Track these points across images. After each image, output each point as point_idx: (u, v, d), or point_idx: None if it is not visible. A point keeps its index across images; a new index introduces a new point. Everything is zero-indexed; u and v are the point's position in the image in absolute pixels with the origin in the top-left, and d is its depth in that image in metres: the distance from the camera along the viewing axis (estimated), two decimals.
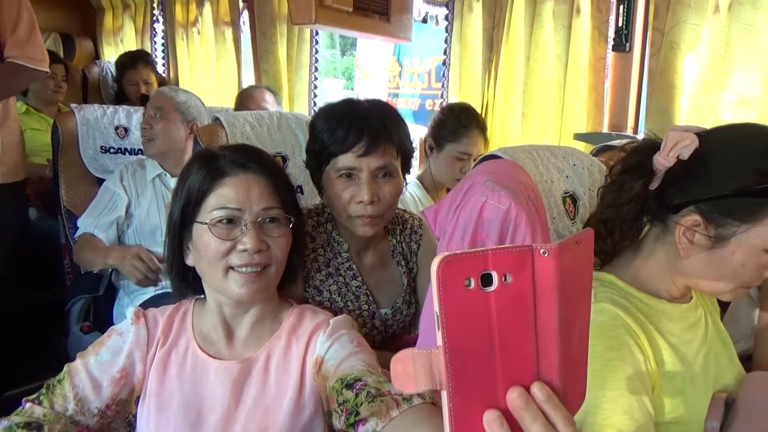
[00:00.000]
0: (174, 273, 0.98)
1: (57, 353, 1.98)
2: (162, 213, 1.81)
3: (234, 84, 3.01)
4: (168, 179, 1.87)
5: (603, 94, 1.82)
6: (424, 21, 2.29)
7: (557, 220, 0.96)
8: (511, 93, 2.05)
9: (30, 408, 0.85)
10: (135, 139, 2.07)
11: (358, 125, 1.07)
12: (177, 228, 0.95)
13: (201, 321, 0.98)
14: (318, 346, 0.93)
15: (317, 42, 2.70)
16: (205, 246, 0.90)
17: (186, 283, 0.99)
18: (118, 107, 2.12)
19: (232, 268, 0.90)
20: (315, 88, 2.74)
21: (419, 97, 4.15)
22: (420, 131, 2.15)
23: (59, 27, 3.55)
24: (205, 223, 0.90)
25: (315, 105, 2.75)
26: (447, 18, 2.22)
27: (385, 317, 1.21)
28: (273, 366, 0.94)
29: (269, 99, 2.39)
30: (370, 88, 4.94)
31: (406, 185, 1.23)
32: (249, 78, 3.01)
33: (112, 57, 3.65)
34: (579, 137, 1.83)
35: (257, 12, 2.76)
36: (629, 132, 1.83)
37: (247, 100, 2.37)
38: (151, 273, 1.60)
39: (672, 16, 1.58)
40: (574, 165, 1.04)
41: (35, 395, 0.87)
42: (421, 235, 1.28)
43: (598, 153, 1.34)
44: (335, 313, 1.02)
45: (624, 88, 1.82)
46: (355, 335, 0.95)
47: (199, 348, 0.95)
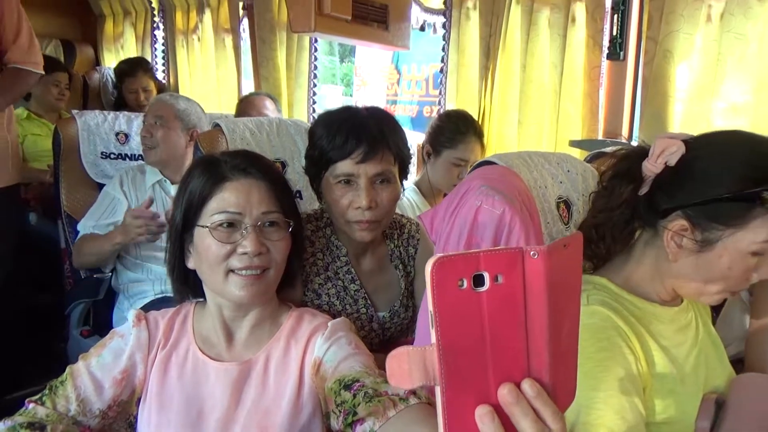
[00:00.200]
0: (175, 276, 1.00)
1: (56, 357, 1.99)
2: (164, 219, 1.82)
3: (233, 90, 3.03)
4: (168, 186, 1.88)
5: (598, 101, 1.84)
6: (421, 29, 2.32)
7: (551, 224, 0.98)
8: (508, 100, 2.07)
9: (33, 408, 0.87)
10: (135, 145, 2.08)
11: (356, 132, 1.09)
12: (178, 232, 0.97)
13: (201, 323, 1.00)
14: (316, 348, 0.95)
15: (316, 49, 2.72)
16: (206, 249, 0.92)
17: (187, 286, 1.01)
18: (118, 113, 2.13)
19: (232, 270, 0.92)
20: (314, 94, 2.76)
21: (417, 104, 4.18)
22: (418, 137, 2.17)
23: (60, 33, 3.57)
24: (206, 227, 0.92)
25: (314, 111, 2.77)
26: (444, 26, 2.24)
27: (383, 320, 1.23)
28: (272, 368, 0.95)
29: (270, 106, 2.41)
30: (368, 95, 4.97)
31: (403, 191, 1.25)
32: (248, 84, 3.03)
33: (112, 63, 3.67)
34: (574, 144, 1.86)
35: (257, 19, 2.79)
36: (624, 139, 1.85)
37: (248, 107, 2.40)
38: (152, 221, 1.56)
39: (665, 25, 1.61)
40: (568, 171, 1.07)
41: (38, 396, 0.89)
42: (419, 240, 1.30)
43: (592, 159, 1.36)
44: (334, 317, 1.03)
45: (618, 95, 1.84)
46: (353, 338, 0.97)
47: (200, 350, 0.96)
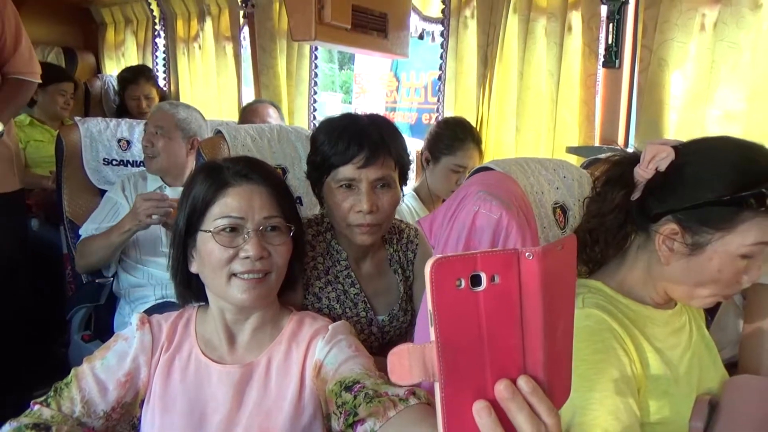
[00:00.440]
0: (178, 280, 1.02)
1: (57, 362, 1.99)
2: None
3: (234, 98, 3.05)
4: (168, 191, 1.90)
5: (594, 108, 1.86)
6: (420, 37, 2.34)
7: (548, 229, 1.00)
8: (505, 107, 2.09)
9: (38, 410, 0.88)
10: (137, 152, 2.10)
11: (358, 138, 1.11)
12: (182, 236, 0.98)
13: (204, 327, 1.01)
14: (317, 350, 0.97)
15: (317, 57, 2.75)
16: (209, 253, 0.94)
17: (189, 290, 1.03)
18: (120, 120, 2.15)
19: (234, 274, 0.93)
20: (314, 102, 2.78)
21: (416, 111, 4.21)
22: (417, 144, 2.19)
23: (62, 41, 3.59)
24: (209, 231, 0.94)
25: (314, 119, 2.79)
26: (443, 35, 2.26)
27: (382, 324, 1.25)
28: (274, 370, 0.97)
29: (273, 114, 2.44)
30: (368, 102, 5.01)
31: (403, 197, 1.27)
32: (249, 92, 3.05)
33: (113, 71, 3.70)
34: (571, 150, 1.88)
35: (257, 28, 2.82)
36: (620, 145, 1.88)
37: (252, 114, 2.42)
38: (162, 203, 1.56)
39: (660, 34, 1.64)
40: (564, 177, 1.08)
41: (43, 398, 0.90)
42: (417, 245, 1.32)
43: (588, 166, 1.38)
44: (334, 320, 1.05)
45: (614, 103, 1.87)
46: (353, 340, 0.99)
47: (202, 353, 0.98)
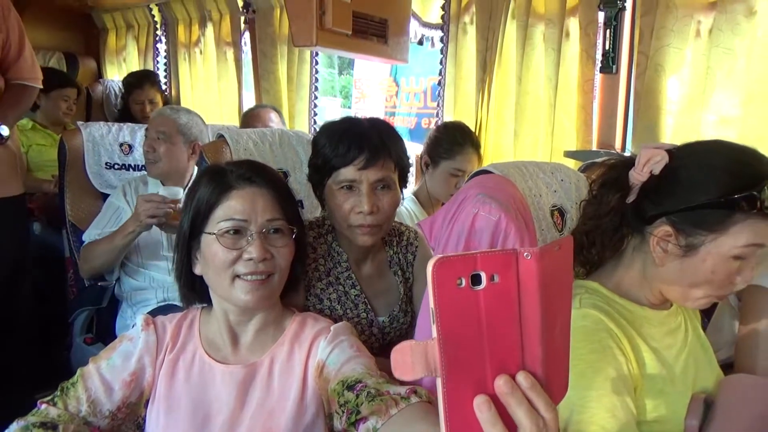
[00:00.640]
0: (183, 282, 1.03)
1: (59, 365, 2.01)
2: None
3: (235, 103, 3.07)
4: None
5: (591, 113, 1.88)
6: (420, 43, 2.37)
7: (546, 231, 1.01)
8: (504, 112, 2.12)
9: (45, 409, 0.89)
10: (138, 156, 2.11)
11: (358, 141, 1.14)
12: (186, 239, 1.00)
13: (207, 328, 1.03)
14: (320, 351, 0.98)
15: (317, 62, 2.77)
16: (213, 255, 0.95)
17: (193, 292, 1.04)
18: (122, 125, 2.17)
19: (238, 276, 0.95)
20: (315, 107, 2.80)
21: (415, 116, 4.23)
22: (416, 148, 2.21)
23: (63, 46, 3.62)
24: (213, 234, 0.95)
25: (315, 123, 2.81)
26: (442, 40, 2.28)
27: (383, 325, 1.26)
28: (276, 370, 0.98)
29: (274, 118, 2.46)
30: (367, 107, 5.04)
31: (402, 200, 1.29)
32: (249, 97, 3.07)
33: (115, 76, 3.72)
34: (569, 155, 1.90)
35: (258, 33, 2.84)
36: (617, 150, 1.90)
37: (254, 119, 2.44)
38: (162, 204, 1.57)
39: (656, 40, 1.66)
40: (561, 180, 1.10)
41: (50, 397, 0.91)
42: (417, 247, 1.34)
43: (585, 169, 1.40)
44: (335, 321, 1.06)
45: (611, 107, 1.88)
46: (355, 341, 1.00)
47: (206, 353, 0.99)
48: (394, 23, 2.03)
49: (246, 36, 2.97)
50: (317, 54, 2.74)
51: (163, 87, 3.44)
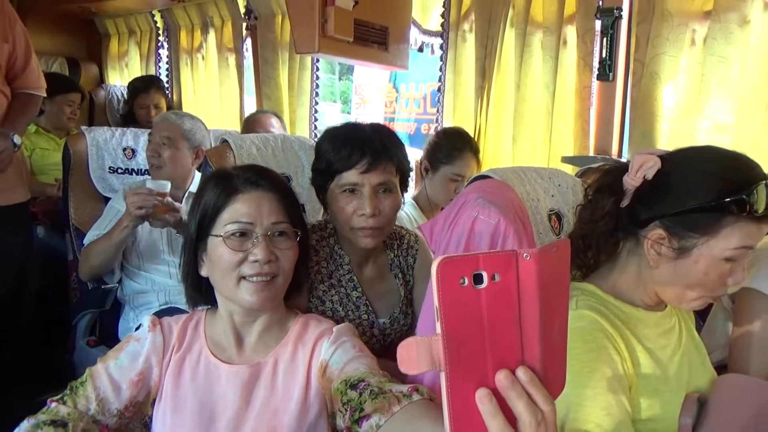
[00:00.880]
0: (189, 283, 1.05)
1: (62, 367, 2.02)
2: (164, 233, 1.86)
3: (236, 108, 3.10)
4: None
5: (588, 119, 1.91)
6: (420, 50, 2.40)
7: (543, 235, 1.04)
8: (503, 118, 2.15)
9: (55, 407, 0.91)
10: (141, 160, 2.14)
11: (360, 145, 1.16)
12: (193, 241, 1.02)
13: (213, 328, 1.05)
14: (323, 351, 1.00)
15: (318, 68, 2.80)
16: (219, 257, 0.97)
17: (199, 293, 1.06)
18: (126, 129, 2.19)
19: (243, 277, 0.97)
20: (316, 112, 2.83)
21: (415, 122, 4.27)
22: (416, 154, 2.24)
23: (66, 51, 3.64)
24: (220, 236, 0.97)
25: (316, 128, 2.84)
26: (442, 47, 2.32)
27: (384, 327, 1.28)
28: (280, 370, 1.00)
29: (275, 124, 2.48)
30: (367, 112, 5.08)
31: (403, 204, 1.31)
32: (251, 102, 3.10)
33: (117, 81, 3.75)
34: (566, 160, 1.93)
35: (260, 40, 2.87)
36: (614, 155, 1.93)
37: (254, 124, 2.47)
38: (149, 196, 1.59)
39: (652, 48, 1.70)
40: (559, 185, 1.13)
41: (59, 396, 0.93)
42: (417, 250, 1.36)
43: (582, 175, 1.43)
44: (337, 322, 1.08)
45: (608, 114, 1.91)
46: (357, 342, 1.02)
47: (211, 353, 1.01)
48: (394, 30, 2.07)
49: (248, 42, 3.00)
50: (318, 60, 2.77)
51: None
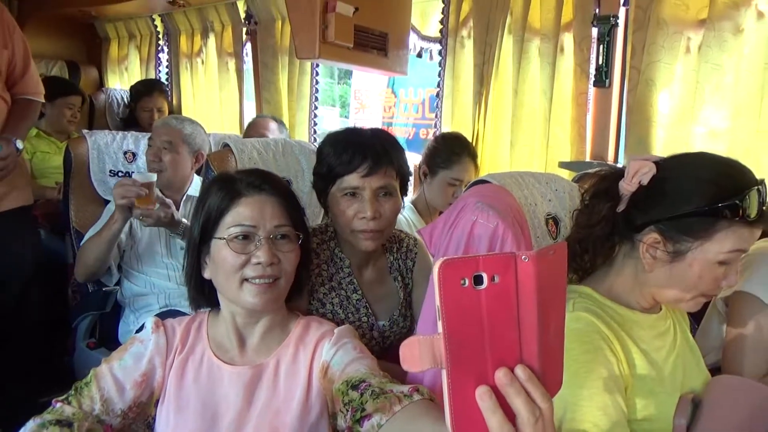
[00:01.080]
0: (192, 285, 1.07)
1: (60, 370, 2.02)
2: (162, 236, 1.87)
3: (235, 112, 3.11)
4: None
5: (585, 125, 1.94)
6: (419, 56, 2.43)
7: (541, 239, 1.06)
8: (500, 123, 2.17)
9: (60, 407, 0.92)
10: (142, 163, 2.14)
11: (362, 149, 1.18)
12: (196, 244, 1.04)
13: (215, 330, 1.06)
14: (324, 352, 1.02)
15: (317, 73, 2.81)
16: (223, 259, 0.99)
17: (202, 295, 1.08)
18: (126, 133, 2.21)
19: (246, 279, 0.99)
20: (315, 116, 2.85)
21: (413, 126, 4.30)
22: (414, 158, 2.26)
23: (65, 55, 3.66)
24: (223, 239, 0.99)
25: (315, 133, 2.86)
26: (440, 53, 2.34)
27: (383, 329, 1.30)
28: (282, 371, 1.02)
29: (272, 127, 2.51)
30: (366, 117, 5.10)
31: (403, 207, 1.33)
32: (250, 106, 3.12)
33: (116, 85, 3.77)
34: (563, 165, 1.95)
35: (260, 45, 2.89)
36: (610, 161, 1.95)
37: (251, 128, 2.50)
38: (133, 186, 1.61)
39: (647, 56, 1.72)
40: (556, 190, 1.15)
41: (64, 396, 0.95)
42: (416, 254, 1.38)
43: (579, 180, 1.45)
44: (337, 324, 1.10)
45: (604, 120, 1.94)
46: (358, 343, 1.04)
47: (214, 355, 1.03)
48: (394, 36, 2.09)
49: (247, 47, 3.02)
50: (318, 65, 2.79)
51: None
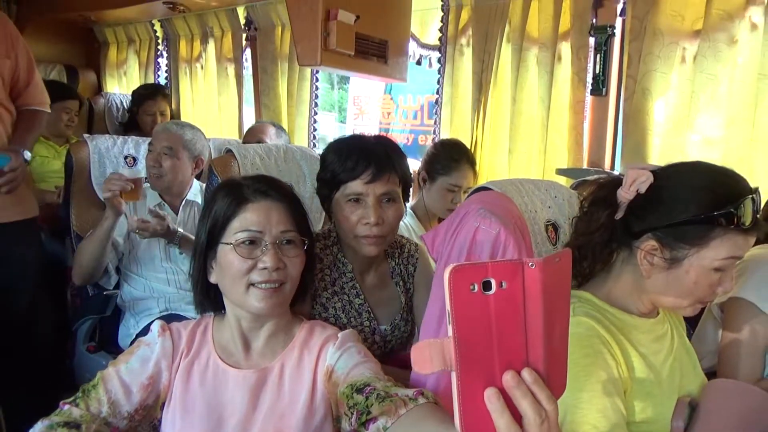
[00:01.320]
0: (198, 289, 1.08)
1: (60, 376, 2.02)
2: (161, 241, 1.88)
3: (235, 117, 3.13)
4: (166, 209, 1.95)
5: (582, 133, 1.97)
6: (418, 63, 2.45)
7: (540, 245, 1.08)
8: (499, 131, 2.20)
9: (68, 409, 0.93)
10: (142, 168, 2.16)
11: (365, 156, 1.20)
12: (203, 249, 1.05)
13: (220, 334, 1.08)
14: (328, 356, 1.03)
15: (317, 79, 2.83)
16: (229, 264, 1.00)
17: (208, 299, 1.09)
18: (127, 138, 2.22)
19: (252, 284, 1.00)
20: (315, 122, 2.86)
21: (412, 133, 4.32)
22: (413, 164, 2.28)
23: (64, 59, 3.66)
24: (230, 244, 1.01)
25: (315, 138, 2.88)
26: (439, 61, 2.37)
27: (385, 333, 1.32)
28: (287, 375, 1.03)
29: (271, 133, 2.52)
30: (364, 123, 5.12)
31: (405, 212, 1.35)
32: (249, 112, 3.13)
33: (115, 89, 3.77)
34: (560, 172, 1.98)
35: (260, 51, 2.91)
36: (606, 168, 1.98)
37: (250, 133, 2.52)
38: (118, 180, 1.65)
39: (643, 65, 1.76)
40: (555, 197, 1.17)
41: (72, 398, 0.95)
42: (417, 259, 1.40)
43: (577, 187, 1.47)
44: (340, 329, 1.11)
45: (601, 128, 1.97)
46: (362, 347, 1.05)
47: (219, 358, 1.04)
48: (394, 44, 2.12)
49: (247, 52, 3.03)
50: (318, 71, 2.81)
51: None
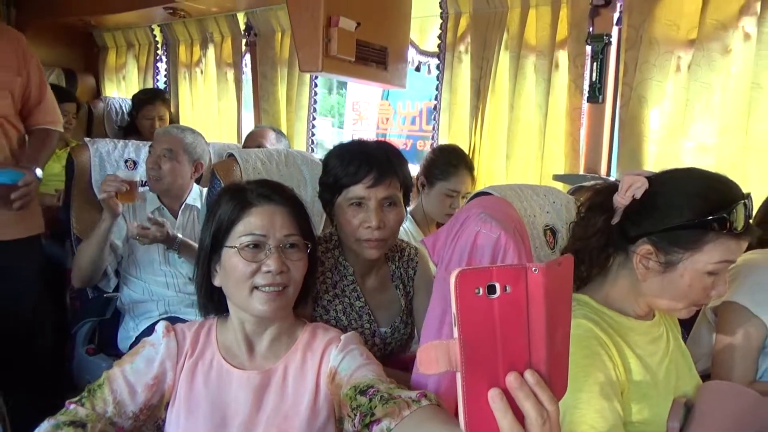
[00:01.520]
0: (202, 292, 1.10)
1: (59, 377, 2.02)
2: (159, 245, 1.89)
3: (234, 122, 3.14)
4: (166, 213, 1.96)
5: (579, 139, 2.00)
6: (417, 69, 2.48)
7: (539, 249, 1.10)
8: (497, 137, 2.22)
9: (74, 409, 0.94)
10: (143, 171, 2.17)
11: (367, 161, 1.22)
12: (207, 253, 1.07)
13: (224, 335, 1.09)
14: (331, 358, 1.05)
15: (316, 85, 2.85)
16: (234, 268, 1.02)
17: (212, 302, 1.10)
18: (128, 142, 2.23)
19: (256, 287, 1.01)
20: (313, 127, 2.88)
21: (410, 138, 4.36)
22: (412, 170, 2.29)
23: (63, 63, 3.67)
24: (234, 247, 1.02)
25: (313, 143, 2.90)
26: (438, 67, 2.39)
27: (385, 336, 1.33)
28: (290, 376, 1.04)
29: (271, 137, 2.54)
30: (362, 128, 5.15)
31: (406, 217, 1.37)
32: (249, 117, 3.15)
33: (113, 93, 3.78)
34: (557, 178, 2.00)
35: (259, 56, 2.93)
36: (603, 174, 2.01)
37: (250, 138, 2.54)
38: (114, 181, 1.67)
39: (639, 73, 1.79)
40: (553, 202, 1.20)
41: (77, 398, 0.97)
42: (417, 263, 1.41)
43: (574, 192, 1.49)
44: (342, 331, 1.13)
45: (597, 135, 2.00)
46: (364, 350, 1.07)
47: (224, 359, 1.05)
48: (393, 51, 2.15)
49: (247, 57, 3.04)
50: (317, 77, 2.83)
51: None
